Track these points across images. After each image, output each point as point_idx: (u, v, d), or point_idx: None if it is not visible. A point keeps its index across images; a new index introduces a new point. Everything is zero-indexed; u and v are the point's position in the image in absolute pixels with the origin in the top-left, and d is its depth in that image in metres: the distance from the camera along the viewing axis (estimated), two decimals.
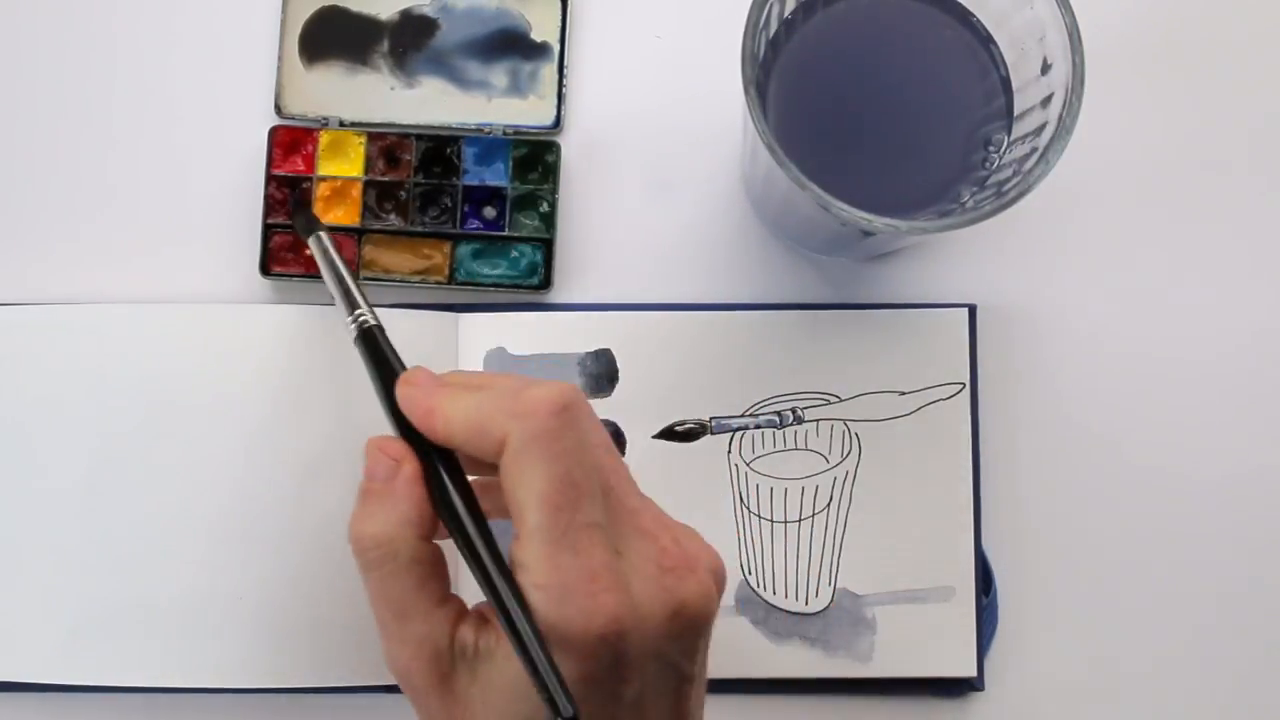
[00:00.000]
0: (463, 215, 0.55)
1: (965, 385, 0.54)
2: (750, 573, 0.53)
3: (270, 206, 0.54)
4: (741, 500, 0.53)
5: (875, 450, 0.53)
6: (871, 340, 0.54)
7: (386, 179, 0.55)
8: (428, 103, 0.55)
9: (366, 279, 0.54)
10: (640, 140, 0.56)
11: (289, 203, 0.54)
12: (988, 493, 0.54)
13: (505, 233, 0.55)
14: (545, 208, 0.55)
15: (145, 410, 0.52)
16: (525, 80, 0.55)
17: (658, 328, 0.54)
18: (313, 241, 0.50)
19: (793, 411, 0.53)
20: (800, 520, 0.53)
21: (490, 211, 0.55)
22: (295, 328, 0.53)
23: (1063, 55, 0.43)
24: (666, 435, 0.53)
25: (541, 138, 0.55)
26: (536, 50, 0.55)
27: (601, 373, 0.53)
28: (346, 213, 0.55)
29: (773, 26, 0.46)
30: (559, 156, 0.55)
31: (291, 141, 0.55)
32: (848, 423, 0.53)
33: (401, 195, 0.55)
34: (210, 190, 0.55)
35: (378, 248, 0.55)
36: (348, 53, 0.55)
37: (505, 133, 0.55)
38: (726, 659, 0.50)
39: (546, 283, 0.54)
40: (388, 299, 0.54)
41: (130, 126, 0.56)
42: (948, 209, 0.47)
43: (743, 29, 0.43)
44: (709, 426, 0.53)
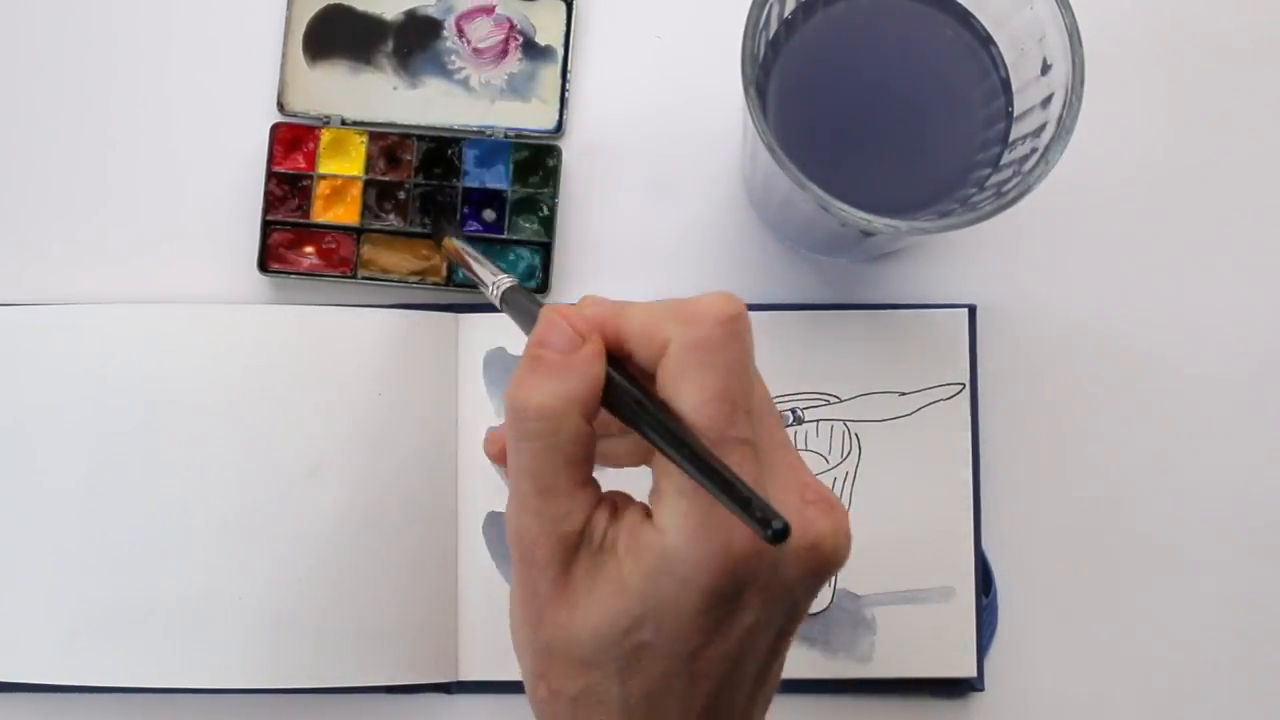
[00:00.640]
0: (462, 217, 0.55)
1: (965, 385, 0.54)
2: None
3: (270, 203, 0.54)
4: None
5: (875, 451, 0.53)
6: (871, 340, 0.54)
7: (387, 179, 0.55)
8: (430, 104, 0.55)
9: (364, 279, 0.54)
10: (640, 141, 0.56)
11: (429, 210, 0.54)
12: (988, 493, 0.54)
13: (504, 235, 0.55)
14: (545, 211, 0.55)
15: (145, 410, 0.52)
16: (527, 83, 0.55)
17: None
18: (448, 242, 0.51)
19: (793, 412, 0.53)
20: None
21: (490, 214, 0.55)
22: (295, 328, 0.53)
23: (1063, 55, 0.43)
24: None
25: (543, 141, 0.55)
26: (540, 53, 0.55)
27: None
28: (346, 212, 0.55)
29: (773, 27, 0.46)
30: (560, 160, 0.55)
31: (293, 139, 0.55)
32: (848, 423, 0.53)
33: (401, 195, 0.55)
34: (210, 187, 0.55)
35: (376, 247, 0.55)
36: (351, 52, 0.55)
37: (507, 135, 0.55)
38: None
39: (544, 286, 0.54)
40: (385, 299, 0.54)
41: (131, 123, 0.56)
42: (948, 209, 0.47)
43: (743, 30, 0.43)
44: None
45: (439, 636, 0.52)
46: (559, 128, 0.55)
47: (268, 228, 0.55)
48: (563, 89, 0.55)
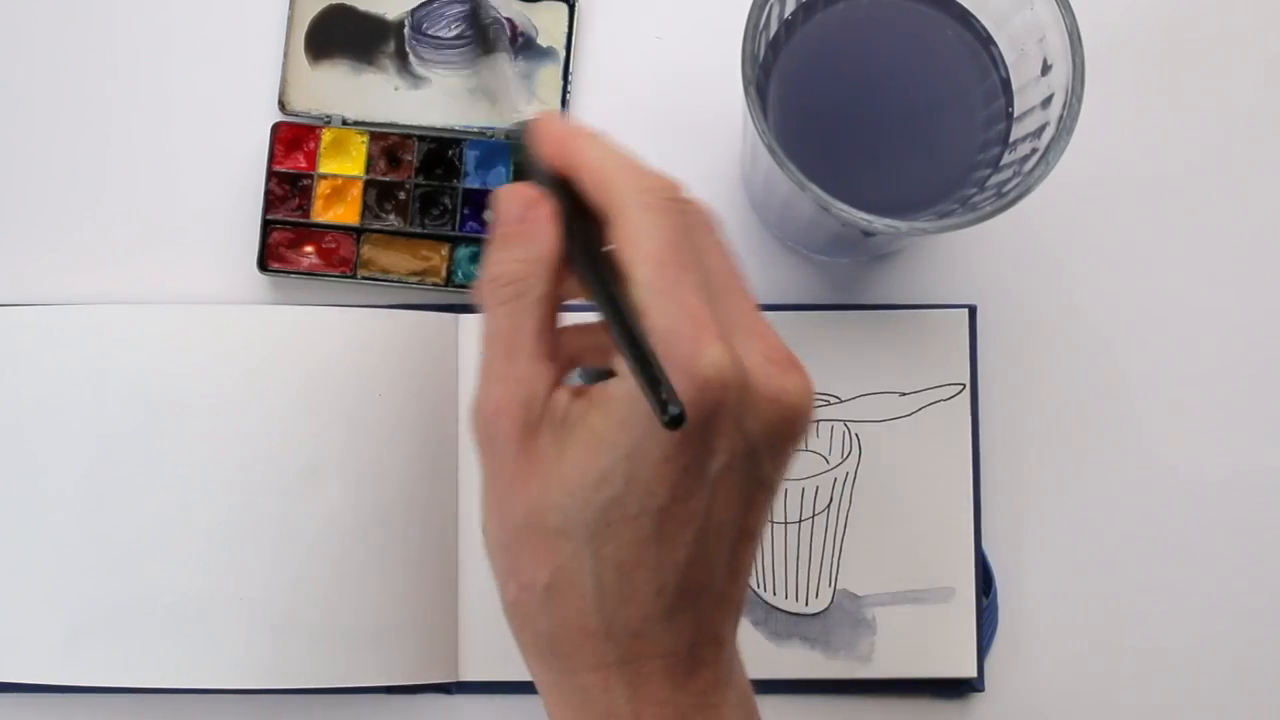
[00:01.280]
0: (462, 218, 0.55)
1: (965, 385, 0.54)
2: (750, 574, 0.53)
3: (270, 202, 0.55)
4: None
5: (875, 451, 0.53)
6: (871, 341, 0.54)
7: (387, 179, 0.55)
8: (431, 104, 0.55)
9: (364, 279, 0.54)
10: (640, 142, 0.55)
11: (474, 23, 0.50)
12: (988, 493, 0.54)
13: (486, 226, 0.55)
14: None
15: (145, 411, 0.52)
16: (529, 85, 0.55)
17: None
18: (496, 60, 0.49)
19: None
20: (800, 521, 0.53)
21: (490, 215, 0.55)
22: (295, 328, 0.53)
23: (1063, 56, 0.43)
24: None
25: None
26: (541, 55, 0.55)
27: (602, 373, 0.53)
28: (346, 212, 0.55)
29: (773, 27, 0.46)
30: None
31: (294, 138, 0.55)
32: (848, 424, 0.54)
33: (401, 196, 0.55)
34: (210, 186, 0.55)
35: (376, 247, 0.55)
36: (353, 52, 0.55)
37: (508, 137, 0.55)
38: None
39: None
40: (385, 299, 0.54)
41: (131, 122, 0.56)
42: (948, 209, 0.47)
43: (743, 30, 0.43)
44: None
45: (439, 636, 0.52)
46: None
47: (268, 227, 0.55)
48: (564, 90, 0.55)
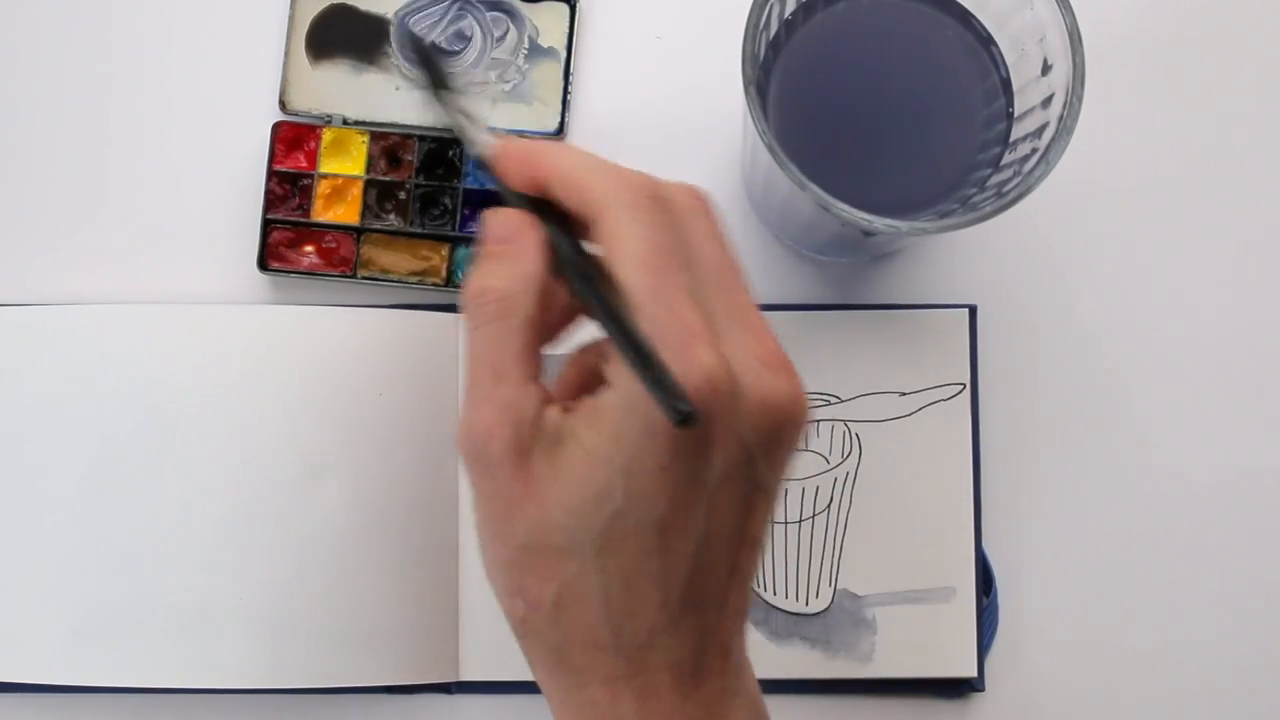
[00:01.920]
0: (462, 218, 0.55)
1: (965, 385, 0.54)
2: (754, 580, 0.53)
3: (271, 201, 0.55)
4: None
5: (875, 451, 0.53)
6: (871, 341, 0.54)
7: (388, 179, 0.55)
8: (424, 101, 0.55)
9: (364, 278, 0.54)
10: (640, 142, 0.56)
11: (418, 52, 0.48)
12: (988, 493, 0.54)
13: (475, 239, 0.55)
14: None
15: (145, 411, 0.52)
16: (530, 85, 0.55)
17: None
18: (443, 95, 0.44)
19: None
20: (800, 521, 0.53)
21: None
22: (295, 328, 0.53)
23: (1063, 56, 0.43)
24: None
25: None
26: (543, 55, 0.55)
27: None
28: (346, 211, 0.55)
29: (773, 27, 0.46)
30: None
31: (294, 138, 0.55)
32: (848, 423, 0.54)
33: (401, 195, 0.55)
34: (210, 185, 0.55)
35: (376, 247, 0.55)
36: (354, 51, 0.55)
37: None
38: None
39: None
40: (385, 299, 0.54)
41: (132, 121, 0.56)
42: (948, 209, 0.47)
43: (743, 30, 0.43)
44: None
45: (439, 636, 0.52)
46: (560, 130, 0.55)
47: (268, 226, 0.55)
48: (565, 91, 0.55)
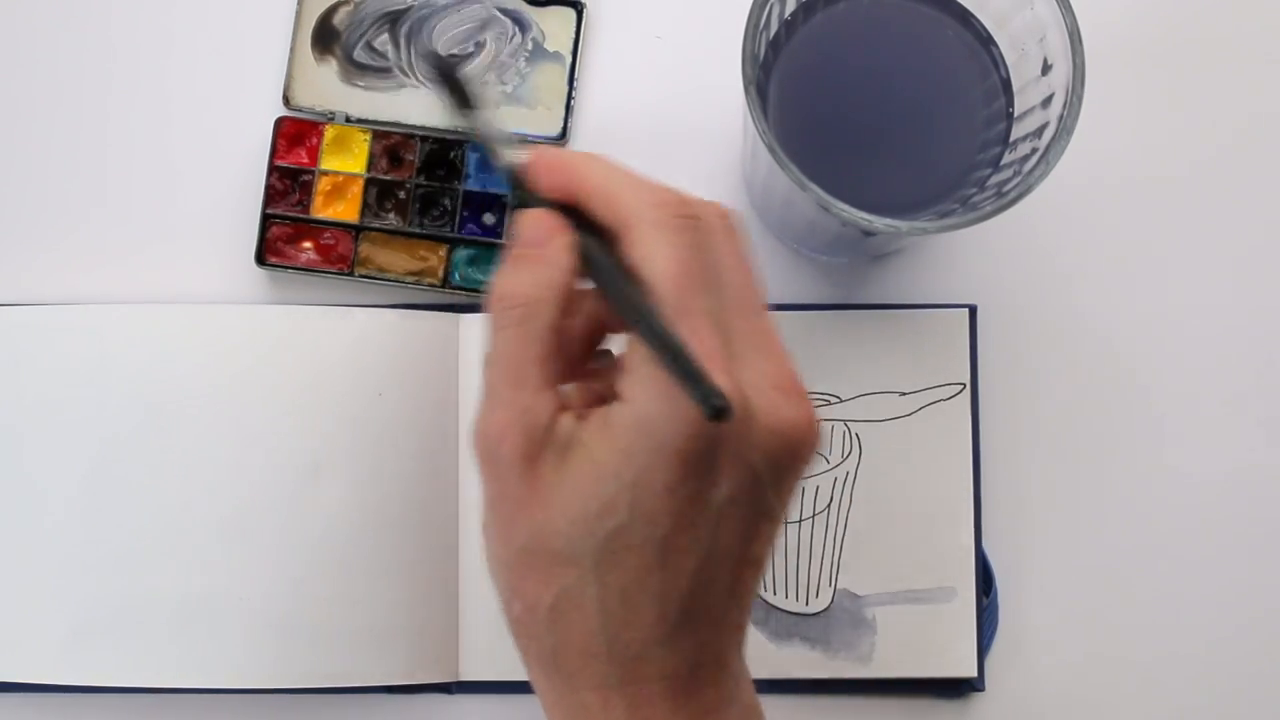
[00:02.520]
0: (461, 219, 0.55)
1: (965, 385, 0.54)
2: (754, 598, 0.53)
3: (271, 197, 0.55)
4: None
5: (875, 451, 0.53)
6: (872, 340, 0.54)
7: (388, 178, 0.55)
8: (434, 105, 0.55)
9: (361, 276, 0.54)
10: (641, 143, 0.55)
11: (441, 71, 0.46)
12: (988, 493, 0.54)
13: (503, 240, 0.55)
14: None
15: (145, 411, 0.52)
16: (530, 89, 0.55)
17: None
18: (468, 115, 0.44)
19: None
20: (800, 521, 0.53)
21: (489, 218, 0.55)
22: (296, 328, 0.53)
23: (1063, 56, 0.43)
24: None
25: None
26: (548, 59, 0.55)
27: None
28: (346, 209, 0.55)
29: (773, 27, 0.46)
30: None
31: (296, 134, 0.55)
32: (848, 423, 0.53)
33: (401, 195, 0.55)
34: (211, 179, 0.55)
35: (374, 246, 0.55)
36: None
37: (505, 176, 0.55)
38: None
39: None
40: (382, 298, 0.54)
41: (135, 115, 0.56)
42: (948, 209, 0.47)
43: (743, 30, 0.43)
44: None
45: (439, 636, 0.52)
46: (563, 134, 0.55)
47: (267, 221, 0.55)
48: (569, 95, 0.55)
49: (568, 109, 0.55)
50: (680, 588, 0.37)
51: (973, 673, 0.53)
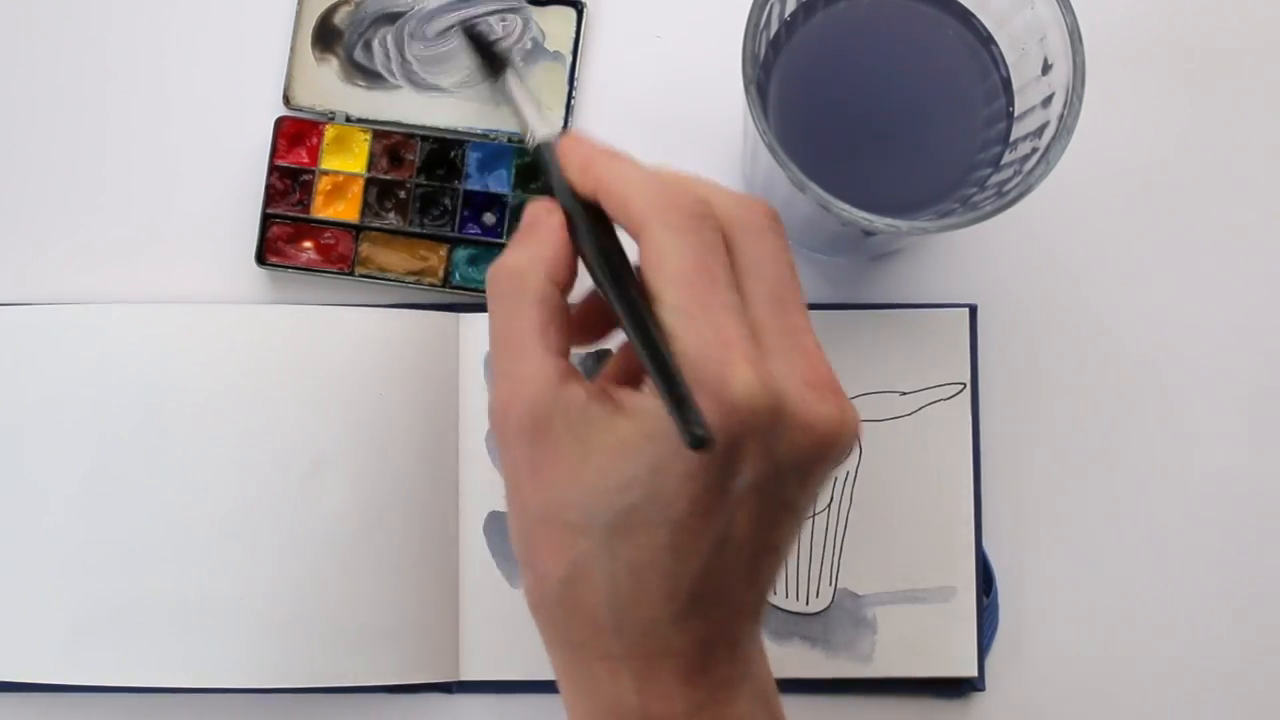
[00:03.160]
0: (462, 219, 0.55)
1: (966, 385, 0.54)
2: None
3: (271, 196, 0.55)
4: None
5: (875, 450, 0.53)
6: (871, 340, 0.54)
7: (388, 178, 0.55)
8: (435, 105, 0.55)
9: (361, 276, 0.54)
10: (641, 143, 0.55)
11: (473, 38, 0.48)
12: (988, 493, 0.54)
13: (503, 240, 0.55)
14: None
15: (145, 410, 0.52)
16: (534, 88, 0.55)
17: None
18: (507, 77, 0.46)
19: None
20: None
21: (490, 218, 0.55)
22: (296, 327, 0.53)
23: (1063, 55, 0.43)
24: None
25: None
26: (548, 59, 0.55)
27: (603, 353, 0.53)
28: (346, 209, 0.55)
29: (773, 27, 0.46)
30: None
31: (297, 133, 0.55)
32: None
33: (401, 195, 0.55)
34: (212, 179, 0.55)
35: (374, 245, 0.55)
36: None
37: (510, 140, 0.55)
38: None
39: None
40: (382, 298, 0.54)
41: (135, 114, 0.56)
42: (948, 209, 0.47)
43: (743, 29, 0.43)
44: None
45: (439, 636, 0.52)
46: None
47: (267, 221, 0.55)
48: (569, 94, 0.55)
49: (568, 108, 0.55)
50: (692, 569, 0.37)
51: (973, 672, 0.53)
